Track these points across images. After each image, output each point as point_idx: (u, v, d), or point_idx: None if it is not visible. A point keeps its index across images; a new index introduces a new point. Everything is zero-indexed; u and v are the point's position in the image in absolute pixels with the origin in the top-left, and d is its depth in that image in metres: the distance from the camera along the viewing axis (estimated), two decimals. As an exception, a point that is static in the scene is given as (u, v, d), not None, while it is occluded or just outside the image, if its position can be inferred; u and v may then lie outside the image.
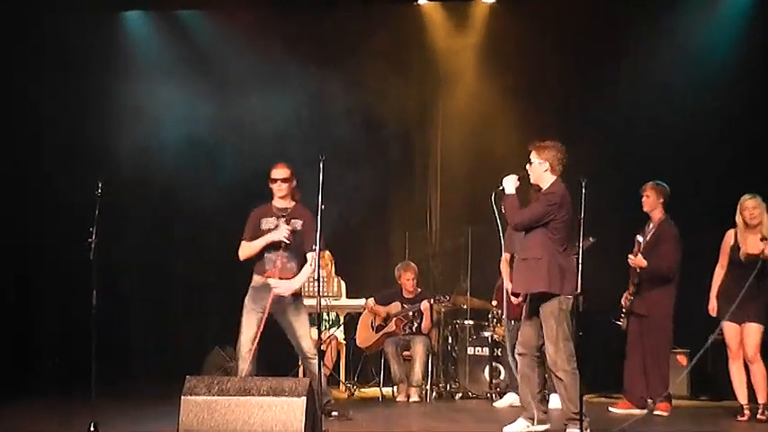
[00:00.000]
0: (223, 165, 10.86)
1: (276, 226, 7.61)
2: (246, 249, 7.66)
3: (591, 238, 8.20)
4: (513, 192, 6.86)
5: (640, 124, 10.71)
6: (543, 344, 6.89)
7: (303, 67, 10.52)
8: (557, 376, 6.72)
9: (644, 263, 8.30)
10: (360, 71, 10.83)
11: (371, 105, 11.06)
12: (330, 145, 9.98)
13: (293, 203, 7.76)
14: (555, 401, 8.27)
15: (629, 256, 8.38)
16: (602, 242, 8.19)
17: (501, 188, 6.91)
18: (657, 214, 8.57)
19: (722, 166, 10.27)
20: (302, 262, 7.69)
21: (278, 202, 7.75)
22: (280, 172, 7.72)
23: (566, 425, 6.81)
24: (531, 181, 6.94)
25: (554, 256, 6.71)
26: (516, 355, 7.06)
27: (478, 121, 11.26)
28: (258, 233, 7.66)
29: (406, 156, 11.83)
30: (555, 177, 6.87)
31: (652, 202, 8.58)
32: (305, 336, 7.78)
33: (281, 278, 7.59)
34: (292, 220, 7.63)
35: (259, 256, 7.65)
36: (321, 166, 6.97)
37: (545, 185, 6.88)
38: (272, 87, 10.69)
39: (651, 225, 8.58)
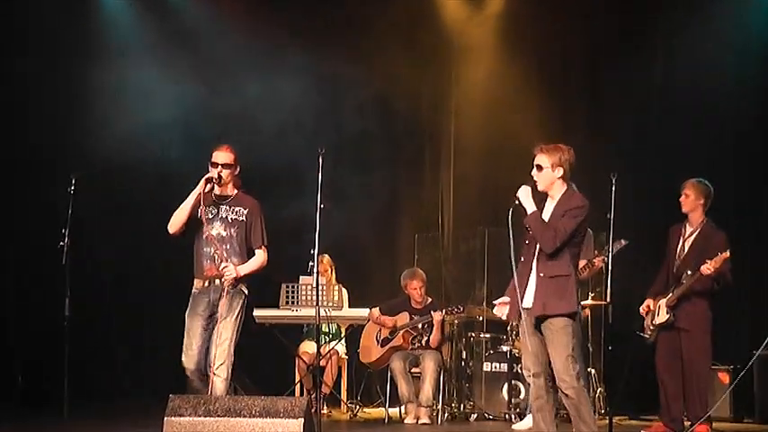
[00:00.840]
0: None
1: (215, 215, 7.30)
2: (173, 218, 7.28)
3: (623, 241, 8.19)
4: (534, 207, 6.79)
5: (676, 114, 10.72)
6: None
7: (303, 52, 10.56)
8: (566, 395, 6.72)
9: (718, 268, 8.10)
10: (367, 57, 10.87)
11: (378, 95, 11.12)
12: (332, 138, 10.02)
13: (235, 191, 7.45)
14: (528, 422, 8.52)
15: (708, 262, 8.04)
16: (630, 245, 8.21)
17: (517, 203, 6.84)
18: (698, 216, 8.49)
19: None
20: (244, 257, 7.38)
21: (217, 189, 7.39)
22: (223, 156, 7.35)
23: None
24: (540, 189, 6.84)
25: (574, 273, 6.76)
26: (529, 377, 6.98)
27: (495, 112, 11.29)
28: (196, 222, 7.31)
29: (416, 149, 11.87)
30: (566, 185, 6.86)
31: (692, 202, 8.51)
32: (221, 342, 7.28)
33: (219, 277, 7.26)
34: (235, 208, 7.36)
35: (198, 252, 7.33)
36: (320, 160, 6.98)
37: (557, 194, 6.82)
38: (267, 73, 10.70)
39: (689, 228, 8.53)
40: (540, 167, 6.79)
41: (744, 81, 10.40)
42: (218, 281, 7.24)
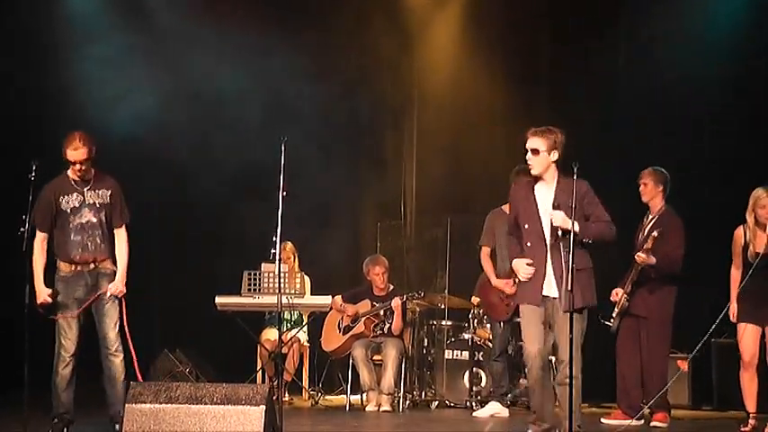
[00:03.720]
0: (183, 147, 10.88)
1: (82, 203, 7.24)
2: (34, 255, 7.20)
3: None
4: (577, 224, 6.57)
5: (638, 108, 10.82)
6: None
7: (263, 40, 10.54)
8: (568, 384, 6.71)
9: (653, 260, 8.30)
10: (329, 45, 10.88)
11: (340, 82, 11.13)
12: (293, 124, 10.03)
13: (93, 171, 7.33)
14: (489, 409, 8.82)
15: (639, 254, 8.29)
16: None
17: (559, 234, 6.64)
18: (657, 203, 8.60)
19: (730, 153, 10.41)
20: (113, 239, 7.38)
21: (76, 174, 7.30)
22: (78, 154, 7.18)
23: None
24: (535, 173, 6.76)
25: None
26: (539, 363, 6.91)
27: (459, 100, 11.34)
28: (61, 215, 7.24)
29: (379, 136, 11.89)
30: (558, 170, 6.83)
31: (651, 191, 8.60)
32: (111, 323, 7.31)
33: (95, 261, 7.29)
34: (99, 191, 7.32)
35: (63, 239, 7.26)
36: (282, 147, 6.99)
37: (551, 178, 6.78)
38: (231, 59, 10.71)
39: (650, 216, 8.63)
40: (536, 151, 6.73)
41: (707, 69, 10.50)
42: (91, 266, 7.27)
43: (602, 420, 8.66)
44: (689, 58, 10.57)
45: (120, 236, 7.43)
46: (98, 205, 7.34)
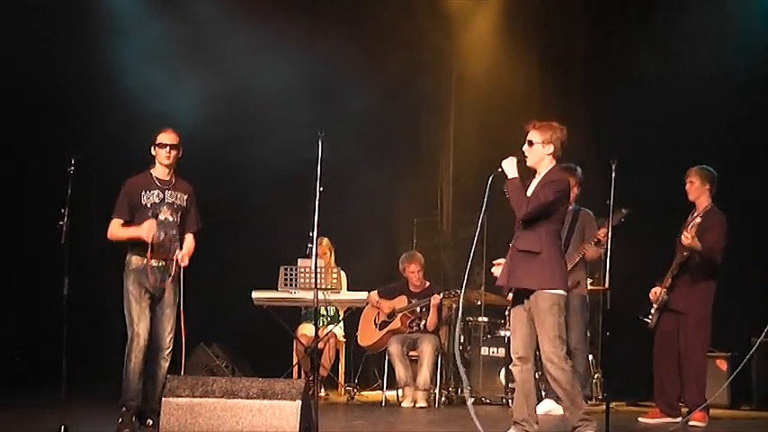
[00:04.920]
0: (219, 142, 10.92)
1: (162, 201, 7.42)
2: (115, 232, 7.39)
3: (623, 210, 8.14)
4: (517, 175, 6.85)
5: (672, 103, 10.74)
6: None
7: (303, 38, 10.57)
8: (552, 375, 6.72)
9: (698, 244, 8.17)
10: (365, 41, 10.88)
11: (377, 78, 11.13)
12: (331, 121, 10.05)
13: (175, 176, 7.55)
14: (544, 407, 8.60)
15: (684, 233, 8.16)
16: (632, 232, 8.22)
17: (500, 170, 6.90)
18: (703, 202, 8.50)
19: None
20: (182, 242, 7.53)
21: (160, 172, 7.50)
22: (169, 137, 7.46)
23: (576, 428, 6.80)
24: (529, 164, 6.87)
25: (553, 250, 6.75)
26: (515, 360, 6.96)
27: (495, 97, 11.31)
28: (139, 209, 7.39)
29: (416, 133, 11.88)
30: (554, 163, 6.89)
31: (697, 189, 8.52)
32: (171, 329, 7.50)
33: (165, 259, 7.42)
34: (177, 193, 7.49)
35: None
36: (320, 143, 7.00)
37: (544, 170, 6.85)
38: (268, 57, 10.73)
39: (696, 214, 8.56)
40: (531, 143, 6.85)
41: (744, 67, 10.41)
42: (160, 263, 7.39)
43: (640, 419, 8.59)
44: (725, 54, 10.48)
45: (190, 240, 7.60)
46: (176, 206, 7.50)
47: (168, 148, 7.43)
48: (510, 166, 6.83)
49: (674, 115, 10.67)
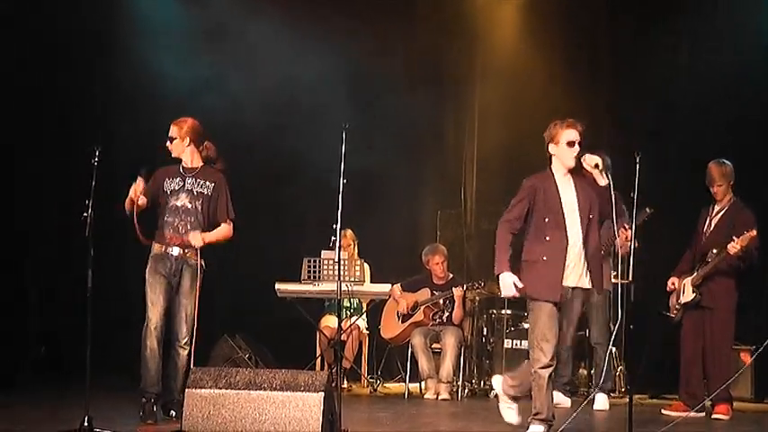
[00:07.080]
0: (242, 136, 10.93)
1: (181, 187, 7.49)
2: (128, 202, 7.43)
3: (647, 209, 8.16)
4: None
5: (697, 101, 10.68)
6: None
7: (326, 29, 10.56)
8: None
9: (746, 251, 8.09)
10: (389, 33, 10.86)
11: (401, 70, 11.12)
12: (354, 113, 10.03)
13: (201, 164, 7.63)
14: (558, 398, 8.60)
15: (733, 244, 8.03)
16: (653, 225, 8.19)
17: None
18: (726, 196, 8.50)
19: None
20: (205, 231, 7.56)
21: (186, 160, 7.62)
22: (171, 129, 7.60)
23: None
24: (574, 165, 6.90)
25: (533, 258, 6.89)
26: (550, 362, 6.97)
27: (520, 90, 11.26)
28: (158, 193, 7.52)
29: (439, 124, 11.86)
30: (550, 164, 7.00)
31: (724, 191, 8.44)
32: (186, 317, 7.51)
33: (182, 247, 7.46)
34: (201, 181, 7.56)
35: (160, 222, 7.53)
36: (344, 135, 6.99)
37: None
38: (292, 51, 10.73)
39: (716, 206, 8.51)
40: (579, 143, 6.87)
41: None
42: (178, 250, 7.45)
43: (663, 411, 8.58)
44: (752, 54, 10.40)
45: (223, 227, 7.61)
46: (195, 193, 7.53)
47: (169, 140, 7.58)
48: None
49: (698, 111, 10.61)
